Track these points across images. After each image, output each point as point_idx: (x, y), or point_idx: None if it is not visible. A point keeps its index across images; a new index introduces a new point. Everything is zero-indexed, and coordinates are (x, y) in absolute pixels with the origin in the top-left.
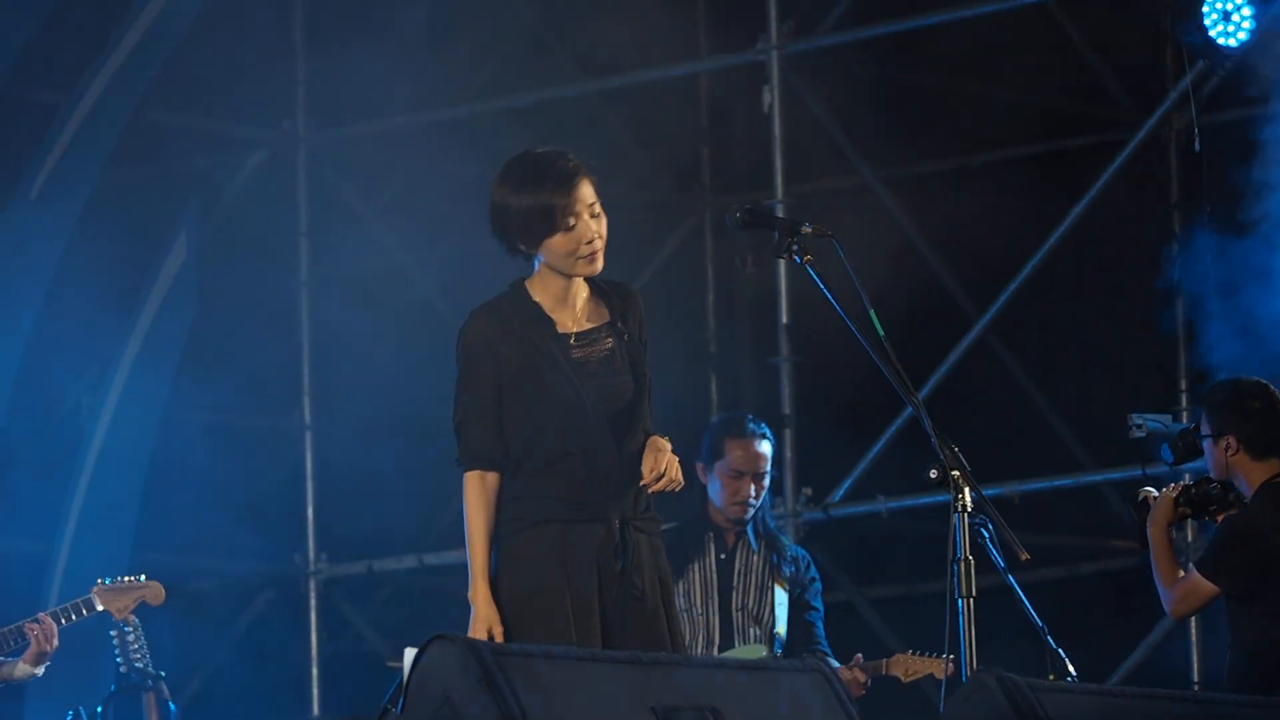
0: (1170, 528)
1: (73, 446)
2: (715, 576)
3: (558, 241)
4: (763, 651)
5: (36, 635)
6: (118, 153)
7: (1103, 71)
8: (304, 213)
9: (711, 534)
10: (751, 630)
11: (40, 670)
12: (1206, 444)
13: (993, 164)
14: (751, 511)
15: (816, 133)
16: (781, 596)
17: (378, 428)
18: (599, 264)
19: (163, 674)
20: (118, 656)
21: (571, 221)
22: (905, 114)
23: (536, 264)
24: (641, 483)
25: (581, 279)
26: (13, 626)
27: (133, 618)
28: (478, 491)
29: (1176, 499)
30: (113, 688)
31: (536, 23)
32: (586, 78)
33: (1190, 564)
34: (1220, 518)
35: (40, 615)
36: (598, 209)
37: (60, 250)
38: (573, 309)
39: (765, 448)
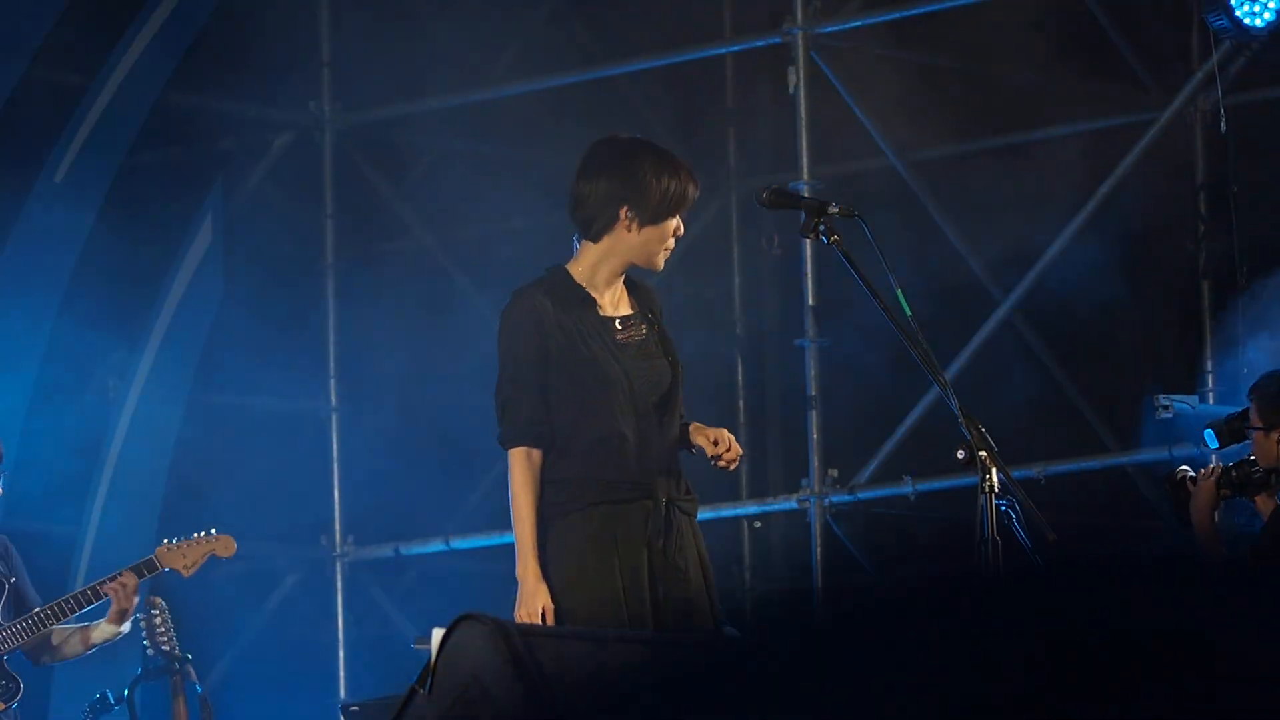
0: (1214, 512)
1: (99, 429)
2: None
3: (660, 230)
4: None
5: (116, 593)
6: (142, 135)
7: (1128, 52)
8: (329, 195)
9: None
10: None
11: (125, 628)
12: (1255, 434)
13: (1017, 145)
14: None
15: (842, 114)
16: None
17: (404, 410)
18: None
19: (189, 656)
20: (144, 639)
21: (682, 215)
22: (930, 95)
23: (577, 252)
24: (710, 455)
25: (620, 272)
26: (86, 589)
27: (159, 600)
28: (525, 469)
29: (1218, 481)
30: (139, 670)
31: (562, 5)
32: (612, 60)
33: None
34: (1258, 499)
35: (120, 571)
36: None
37: (86, 233)
38: (613, 295)
39: None
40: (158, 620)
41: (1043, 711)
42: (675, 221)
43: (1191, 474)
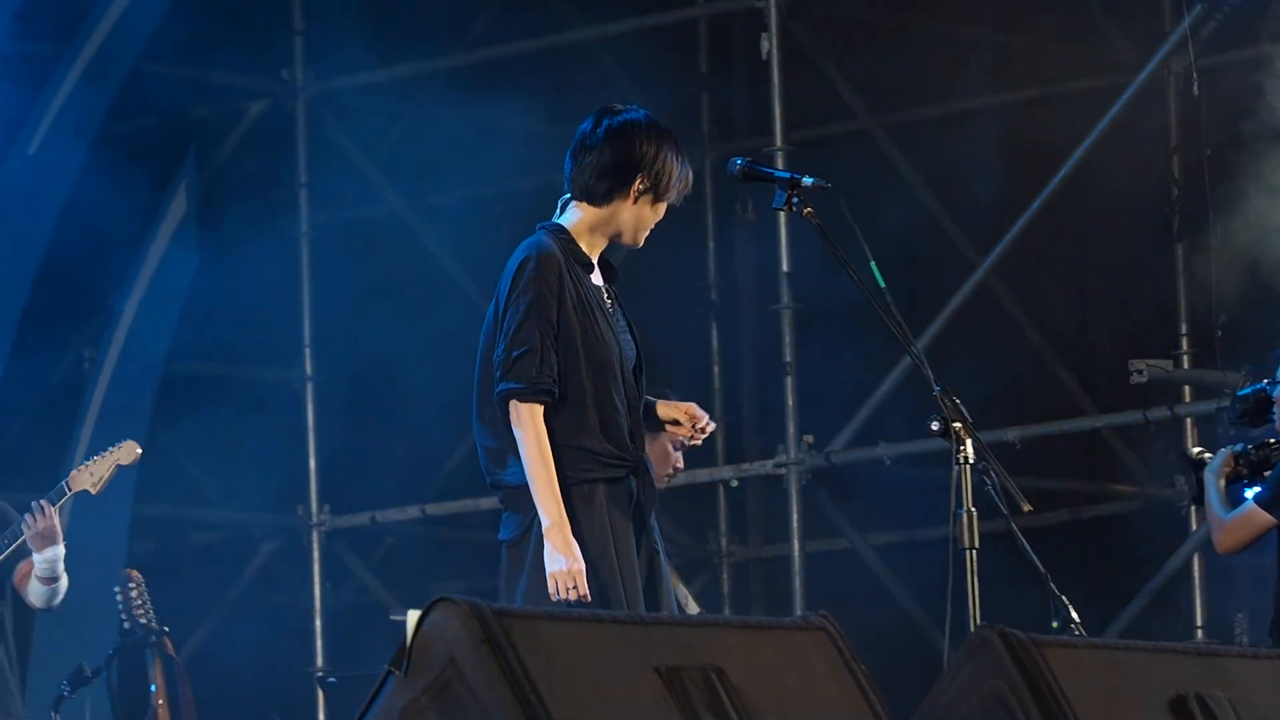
0: (1223, 479)
1: (75, 399)
2: None
3: (656, 210)
4: None
5: (28, 522)
6: (116, 105)
7: (1101, 14)
8: (303, 163)
9: None
10: None
11: (54, 551)
12: None
13: (992, 108)
14: None
15: (815, 79)
16: None
17: (379, 378)
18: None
19: (166, 629)
20: (121, 612)
21: (670, 200)
22: (904, 59)
23: (570, 215)
24: (680, 427)
25: (606, 241)
26: (7, 531)
27: (136, 573)
28: (542, 424)
29: (1236, 456)
30: (116, 643)
31: None
32: (585, 24)
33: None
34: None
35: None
36: None
37: (60, 203)
38: (596, 264)
39: None
40: (134, 592)
41: None
42: (665, 206)
43: (1208, 454)
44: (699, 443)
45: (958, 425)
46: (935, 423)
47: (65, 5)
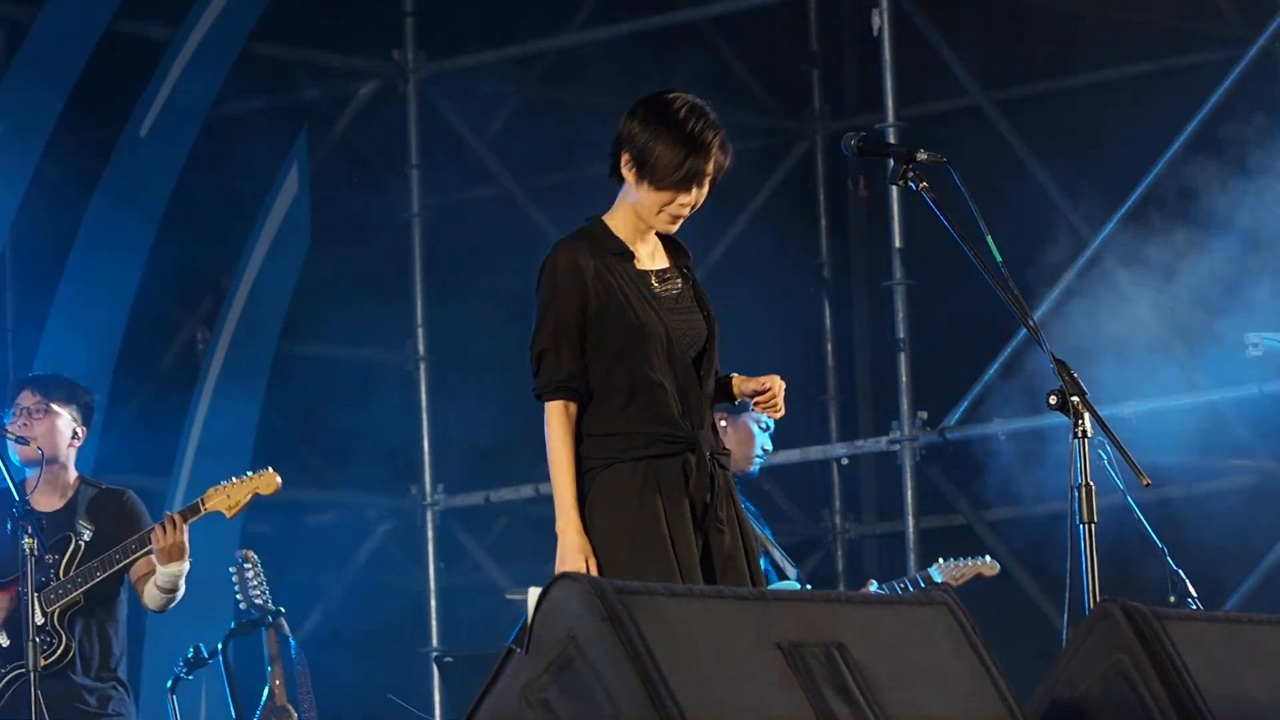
0: None
1: (189, 380)
2: None
3: (650, 193)
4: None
5: (156, 535)
6: (227, 87)
7: None
8: (414, 144)
9: None
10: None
11: (178, 566)
12: None
13: (1103, 82)
14: None
15: (927, 54)
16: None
17: (492, 358)
18: (675, 229)
19: (282, 609)
20: (237, 593)
21: (687, 184)
22: (1015, 34)
23: (620, 196)
24: (755, 397)
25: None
26: (134, 538)
27: (252, 554)
28: (563, 421)
29: None
30: (232, 624)
31: None
32: (696, 4)
33: None
34: None
35: (166, 515)
36: (707, 180)
37: (172, 185)
38: (648, 247)
39: None
40: (250, 574)
41: None
42: (674, 194)
43: None
44: (780, 413)
45: (1075, 399)
46: (1052, 397)
47: None
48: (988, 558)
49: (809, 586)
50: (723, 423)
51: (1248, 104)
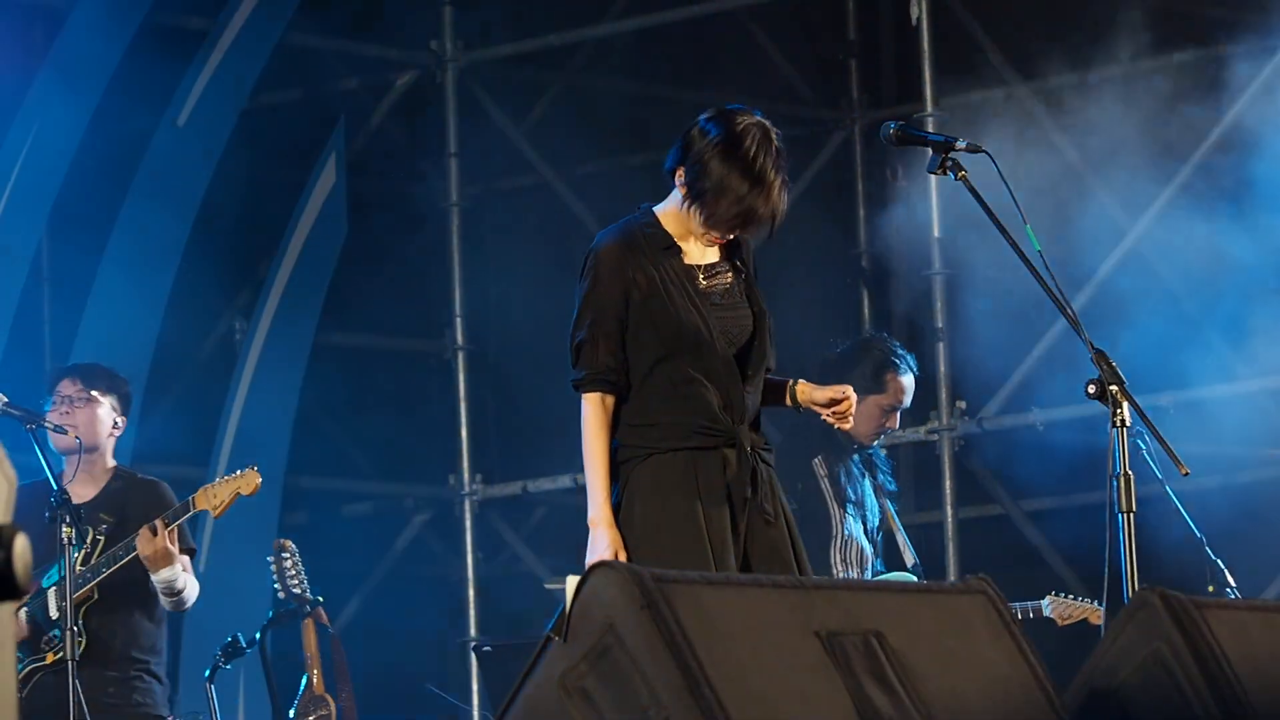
0: None
1: (226, 371)
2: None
3: (698, 220)
4: (912, 577)
5: (139, 541)
6: (264, 78)
7: None
8: (453, 133)
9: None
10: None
11: (168, 573)
12: None
13: (1139, 72)
14: None
15: (965, 43)
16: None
17: (531, 348)
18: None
19: (320, 598)
20: (275, 582)
21: (719, 228)
22: (1052, 23)
23: (675, 194)
24: (826, 406)
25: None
26: (130, 539)
27: (289, 543)
28: (599, 413)
29: None
30: (270, 613)
31: None
32: None
33: None
34: None
35: (143, 530)
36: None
37: (210, 175)
38: (698, 241)
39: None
40: (288, 563)
41: None
42: (716, 235)
43: None
44: (846, 424)
45: (1114, 388)
46: (1091, 386)
47: None
48: (1096, 603)
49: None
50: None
51: None
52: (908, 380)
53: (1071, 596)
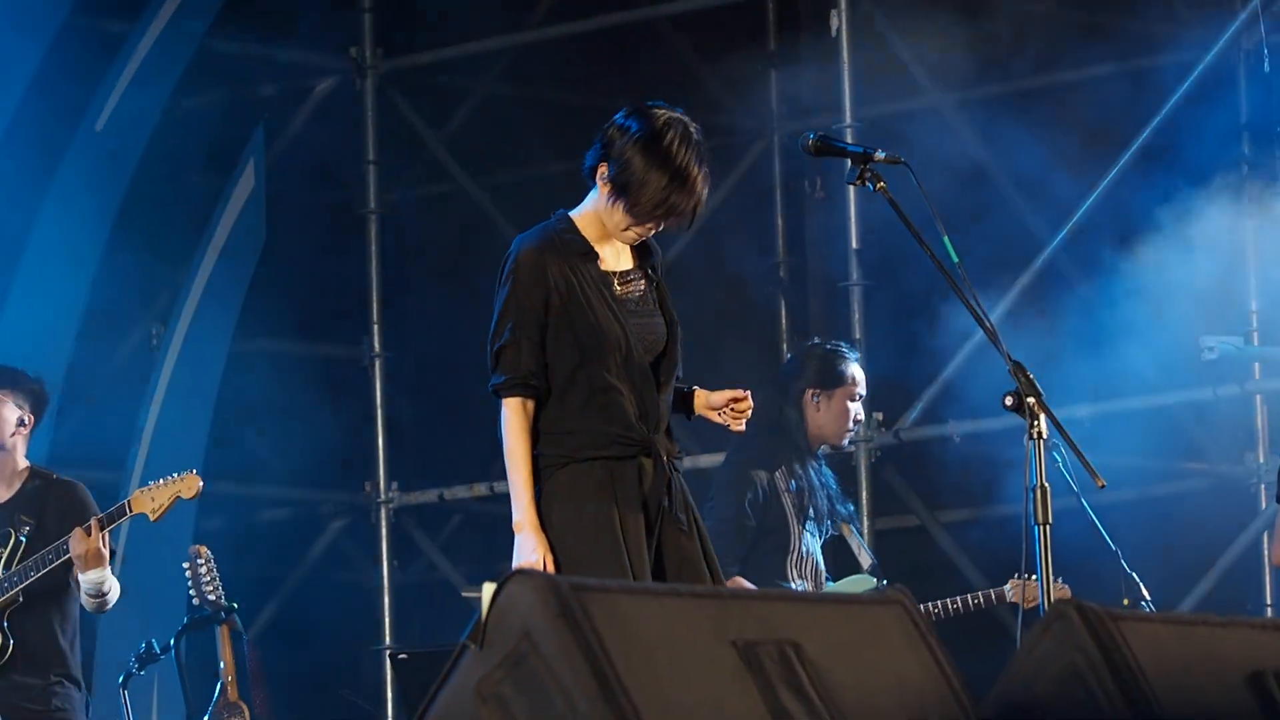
0: None
1: (142, 376)
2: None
3: (621, 214)
4: (870, 580)
5: (71, 542)
6: (183, 82)
7: None
8: (371, 140)
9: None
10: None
11: (97, 574)
12: None
13: (1063, 84)
14: None
15: (885, 55)
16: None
17: (447, 355)
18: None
19: (235, 605)
20: (190, 588)
21: (662, 220)
22: (974, 34)
23: (591, 198)
24: (728, 408)
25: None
26: (63, 540)
27: (204, 549)
28: (521, 418)
29: None
30: (185, 620)
31: None
32: (655, 1)
33: None
34: None
35: (77, 529)
36: (684, 217)
37: (127, 179)
38: (614, 248)
39: None
40: (203, 569)
41: None
42: (647, 226)
43: None
44: (740, 427)
45: (1031, 400)
46: (1008, 398)
47: None
48: (1060, 580)
49: (884, 583)
50: (815, 398)
51: (1206, 107)
52: (858, 366)
53: (1035, 578)
